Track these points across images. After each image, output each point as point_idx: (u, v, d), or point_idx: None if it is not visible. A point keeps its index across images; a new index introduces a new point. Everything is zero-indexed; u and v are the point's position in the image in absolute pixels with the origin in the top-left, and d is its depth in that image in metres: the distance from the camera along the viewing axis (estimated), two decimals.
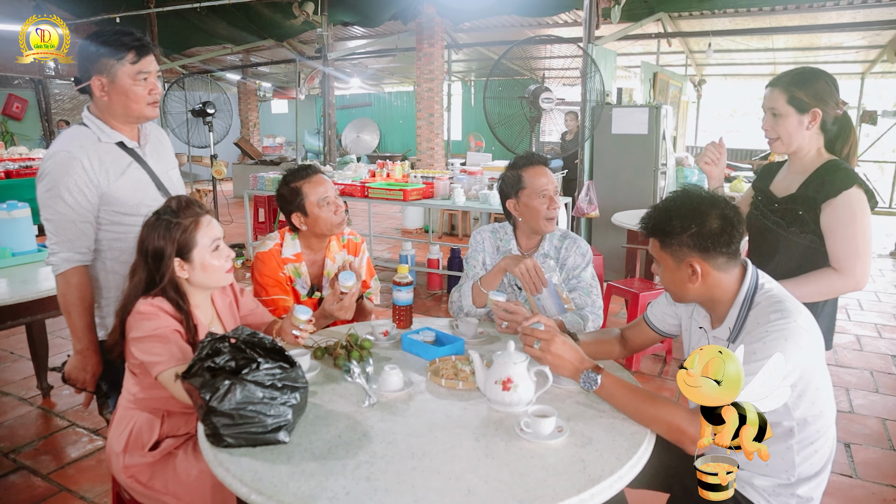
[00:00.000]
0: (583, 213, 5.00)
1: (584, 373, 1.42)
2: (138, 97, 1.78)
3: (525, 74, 9.75)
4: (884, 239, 7.76)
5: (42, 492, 2.44)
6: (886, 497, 2.44)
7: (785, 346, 1.29)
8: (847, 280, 1.73)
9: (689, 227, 1.39)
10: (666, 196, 1.50)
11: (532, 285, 1.97)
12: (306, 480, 1.14)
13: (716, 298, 1.45)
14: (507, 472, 1.17)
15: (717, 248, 1.39)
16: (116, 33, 1.76)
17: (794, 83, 1.79)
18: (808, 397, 1.39)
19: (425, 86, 8.73)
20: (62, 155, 1.75)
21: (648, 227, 1.48)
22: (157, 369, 1.51)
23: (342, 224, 2.18)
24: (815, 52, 9.93)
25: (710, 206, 1.41)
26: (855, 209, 1.71)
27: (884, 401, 3.30)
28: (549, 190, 2.06)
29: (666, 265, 1.46)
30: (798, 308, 1.37)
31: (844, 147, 1.83)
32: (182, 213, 1.61)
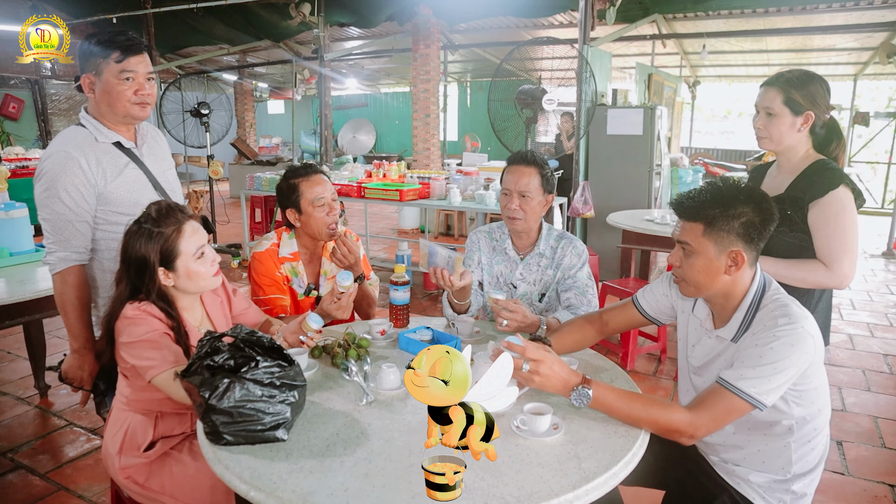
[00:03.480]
0: (578, 214, 5.02)
1: (575, 389, 1.37)
2: (121, 95, 1.78)
3: (521, 76, 9.76)
4: (876, 239, 7.81)
5: (40, 491, 2.45)
6: (878, 494, 2.47)
7: (791, 351, 1.30)
8: (832, 276, 1.76)
9: (742, 214, 1.36)
10: (706, 183, 1.46)
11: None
12: (305, 477, 1.15)
13: (732, 294, 1.44)
14: (503, 469, 1.18)
15: (759, 240, 1.39)
16: (111, 33, 1.78)
17: (790, 84, 1.81)
18: (807, 396, 1.41)
19: (421, 86, 8.75)
20: (60, 155, 1.75)
21: (694, 210, 1.41)
22: (151, 373, 1.51)
23: (334, 229, 2.20)
24: (808, 53, 9.99)
25: (754, 196, 1.39)
26: (841, 208, 1.74)
27: (875, 399, 3.33)
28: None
29: (703, 253, 1.40)
30: (804, 313, 1.37)
31: (834, 148, 1.86)
32: (163, 221, 1.57)
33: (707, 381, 1.49)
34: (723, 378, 1.34)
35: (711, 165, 10.26)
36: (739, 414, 1.34)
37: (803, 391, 1.40)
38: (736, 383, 1.32)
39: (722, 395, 1.33)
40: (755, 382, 1.30)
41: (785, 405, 1.40)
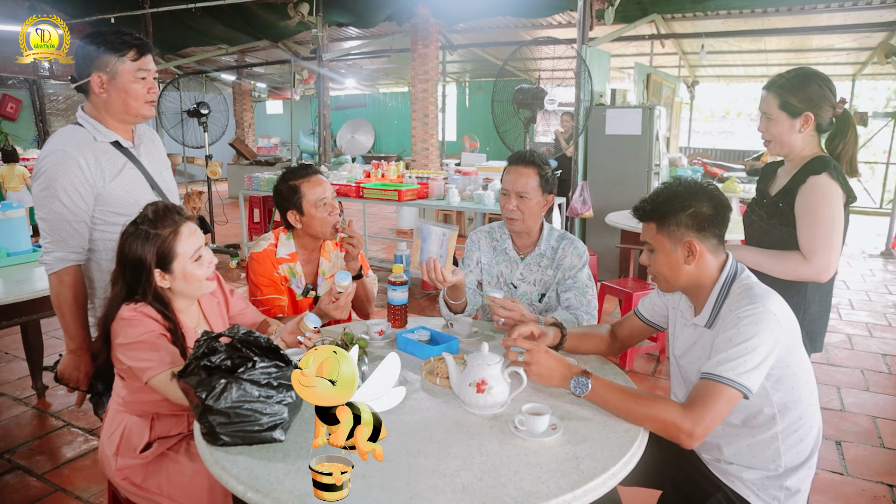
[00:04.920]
0: (577, 214, 5.02)
1: (575, 377, 1.43)
2: (138, 95, 1.80)
3: (520, 76, 9.76)
4: (875, 239, 7.82)
5: (37, 492, 2.44)
6: (876, 493, 2.47)
7: (757, 329, 1.34)
8: (810, 268, 1.76)
9: (687, 208, 1.44)
10: (658, 186, 1.54)
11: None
12: (302, 478, 1.15)
13: (702, 283, 1.49)
14: (502, 470, 1.18)
15: (712, 228, 1.45)
16: (118, 32, 1.78)
17: (785, 88, 1.84)
18: (786, 382, 1.43)
19: (420, 87, 8.75)
20: (58, 154, 1.75)
21: (646, 211, 1.51)
22: (148, 375, 1.50)
23: (336, 228, 2.19)
24: (806, 53, 10.00)
25: (701, 190, 1.46)
26: (823, 198, 1.74)
27: (874, 399, 3.34)
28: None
29: (662, 248, 1.49)
30: (766, 293, 1.41)
31: (840, 145, 1.87)
32: (160, 222, 1.55)
33: (689, 370, 1.56)
34: (704, 371, 1.37)
35: (710, 165, 10.26)
36: (730, 403, 1.35)
37: (781, 376, 1.42)
38: (715, 370, 1.35)
39: (708, 388, 1.35)
40: (731, 365, 1.33)
41: (763, 392, 1.42)
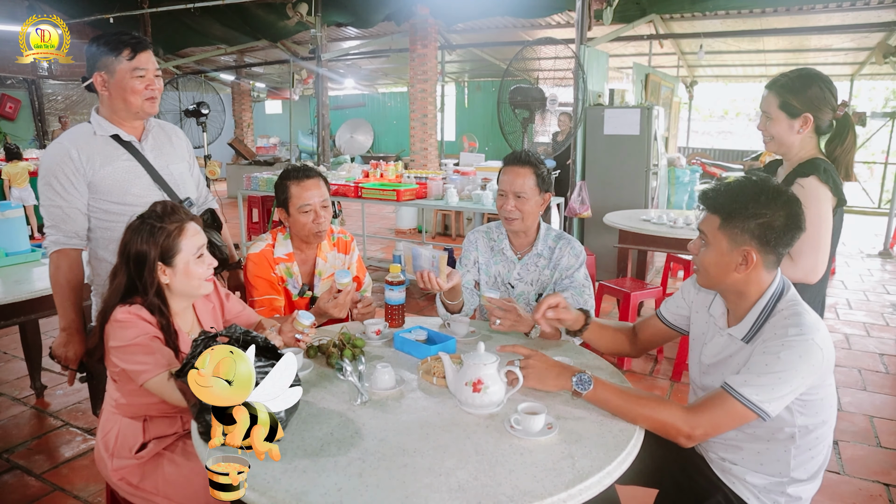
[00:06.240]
0: (575, 214, 5.03)
1: (577, 375, 1.41)
2: (135, 90, 1.88)
3: (519, 76, 9.77)
4: (873, 239, 7.83)
5: (36, 491, 2.44)
6: (873, 493, 2.47)
7: (799, 363, 1.28)
8: (796, 270, 1.76)
9: (760, 216, 1.33)
10: (738, 177, 1.44)
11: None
12: (298, 477, 1.15)
13: (746, 294, 1.42)
14: (497, 469, 1.18)
15: (778, 245, 1.36)
16: (117, 33, 1.89)
17: (786, 88, 1.83)
18: (812, 407, 1.39)
19: (419, 86, 8.75)
20: (56, 147, 1.90)
21: (715, 203, 1.40)
22: (144, 377, 1.50)
23: (320, 234, 2.20)
24: (804, 53, 10.01)
25: (782, 200, 1.34)
26: (808, 198, 1.70)
27: (871, 398, 3.34)
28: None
29: (717, 246, 1.40)
30: (816, 324, 1.34)
31: (837, 148, 1.86)
32: (167, 218, 1.58)
33: (716, 380, 1.45)
34: (727, 383, 1.33)
35: (708, 165, 10.29)
36: (741, 420, 1.33)
37: (808, 401, 1.38)
38: (739, 389, 1.30)
39: (723, 400, 1.32)
40: (758, 390, 1.29)
41: (788, 414, 1.38)
